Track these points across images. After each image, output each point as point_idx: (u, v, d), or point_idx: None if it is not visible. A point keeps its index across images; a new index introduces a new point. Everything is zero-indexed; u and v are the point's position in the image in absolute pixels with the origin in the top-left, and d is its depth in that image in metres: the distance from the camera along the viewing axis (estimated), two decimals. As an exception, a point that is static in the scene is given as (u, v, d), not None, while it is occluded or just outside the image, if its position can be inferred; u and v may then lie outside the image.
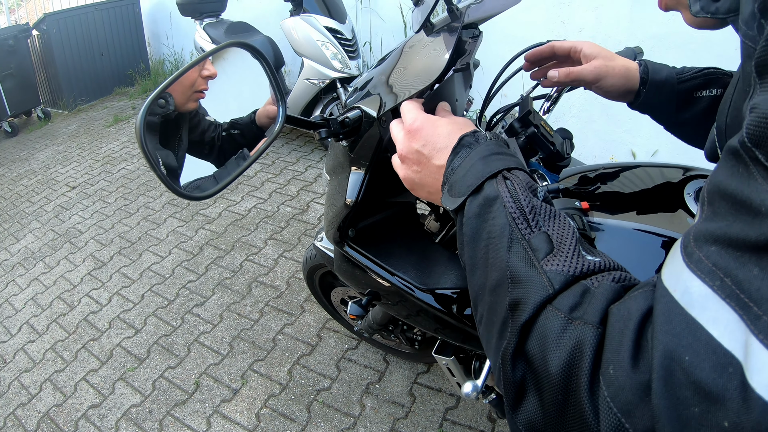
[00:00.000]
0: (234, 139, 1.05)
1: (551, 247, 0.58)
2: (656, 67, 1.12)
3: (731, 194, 0.41)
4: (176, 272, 3.39)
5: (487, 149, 0.72)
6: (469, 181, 0.70)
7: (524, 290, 0.55)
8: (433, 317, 1.24)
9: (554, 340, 0.50)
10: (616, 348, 0.45)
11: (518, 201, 0.63)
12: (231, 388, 2.47)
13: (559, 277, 0.54)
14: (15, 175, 5.79)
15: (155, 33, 8.54)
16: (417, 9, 1.11)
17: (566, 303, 0.52)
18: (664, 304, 0.43)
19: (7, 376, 2.88)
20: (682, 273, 0.43)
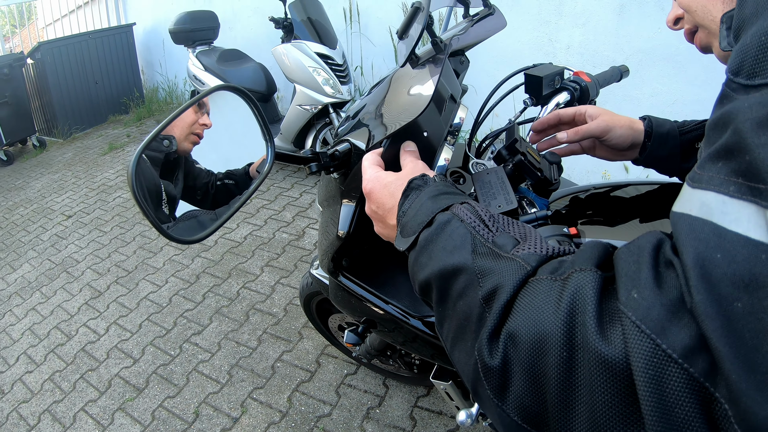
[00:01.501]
0: (228, 189, 1.07)
1: (516, 241, 0.58)
2: (659, 120, 1.15)
3: (720, 119, 0.44)
4: (173, 301, 3.39)
5: (435, 189, 0.74)
6: (420, 218, 0.70)
7: (498, 277, 0.54)
8: (428, 344, 1.26)
9: (543, 301, 0.49)
10: (633, 275, 0.44)
11: (476, 213, 0.65)
12: (231, 416, 2.46)
13: (533, 257, 0.54)
14: (11, 204, 5.79)
15: (149, 61, 8.59)
16: (402, 42, 1.13)
17: (547, 270, 0.52)
18: (684, 223, 0.43)
19: (6, 406, 2.86)
20: (693, 195, 0.44)
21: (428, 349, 1.29)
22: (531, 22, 3.76)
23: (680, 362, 0.38)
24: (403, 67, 1.16)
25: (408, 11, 1.06)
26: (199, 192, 1.05)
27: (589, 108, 1.18)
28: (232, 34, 6.45)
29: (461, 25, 1.31)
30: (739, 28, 0.49)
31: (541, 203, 1.14)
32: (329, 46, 4.28)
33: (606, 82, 1.52)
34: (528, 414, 0.49)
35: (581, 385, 0.44)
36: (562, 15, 3.60)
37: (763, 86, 0.41)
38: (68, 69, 7.38)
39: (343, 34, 5.09)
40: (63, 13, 9.06)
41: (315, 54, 4.16)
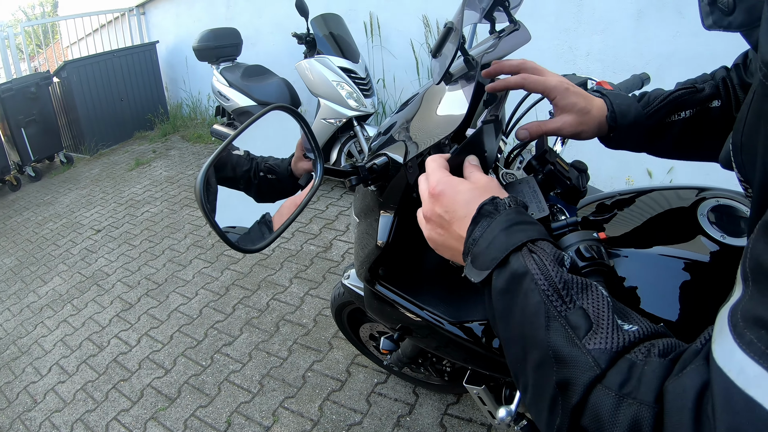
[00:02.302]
0: (271, 185, 1.09)
1: (590, 323, 0.59)
2: (622, 108, 1.09)
3: None
4: (204, 313, 3.44)
5: (507, 219, 0.72)
6: (492, 254, 0.70)
7: (570, 371, 0.56)
8: (462, 348, 1.27)
9: (609, 419, 0.51)
10: (676, 425, 0.46)
11: (549, 277, 0.63)
12: (262, 425, 2.49)
13: (603, 355, 0.55)
14: (40, 219, 5.92)
15: (172, 78, 8.73)
16: (435, 60, 1.16)
17: (615, 381, 0.53)
18: (721, 384, 0.43)
19: (38, 416, 2.92)
20: (734, 353, 0.43)
21: (462, 353, 1.32)
22: (550, 31, 3.78)
23: None
24: (437, 84, 1.19)
25: (441, 31, 1.09)
26: (241, 181, 1.06)
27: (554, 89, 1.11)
28: (255, 51, 6.53)
29: (489, 42, 1.34)
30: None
31: (570, 210, 1.16)
32: (352, 60, 4.33)
33: (628, 90, 1.53)
34: None
35: None
36: (580, 22, 3.62)
37: None
38: (94, 87, 7.53)
39: (364, 48, 5.14)
40: (86, 32, 9.23)
41: (338, 68, 4.22)
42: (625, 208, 1.24)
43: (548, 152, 1.17)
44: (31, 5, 29.81)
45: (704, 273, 0.99)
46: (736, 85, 1.06)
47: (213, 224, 0.89)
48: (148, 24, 9.00)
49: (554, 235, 0.99)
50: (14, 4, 29.91)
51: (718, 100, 1.08)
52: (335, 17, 4.51)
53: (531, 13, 3.75)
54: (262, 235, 1.00)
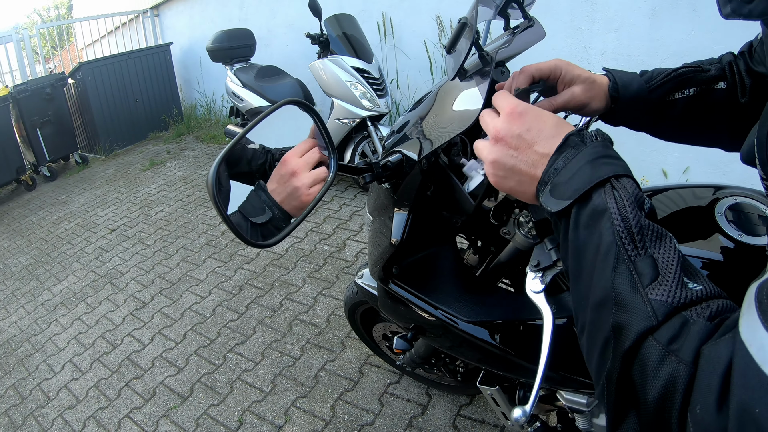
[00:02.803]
0: None
1: (656, 273, 0.58)
2: (625, 81, 1.09)
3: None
4: (217, 312, 3.45)
5: (594, 152, 0.70)
6: (575, 185, 0.68)
7: (628, 316, 0.57)
8: (476, 348, 1.26)
9: (652, 371, 0.53)
10: (704, 390, 0.47)
11: (626, 218, 0.62)
12: (274, 424, 2.49)
13: (662, 308, 0.55)
14: (55, 218, 5.97)
15: (186, 79, 8.78)
16: (450, 56, 1.16)
17: (666, 335, 0.54)
18: (741, 358, 0.44)
19: (51, 412, 2.94)
20: (757, 330, 0.44)
21: (475, 353, 1.31)
22: (564, 30, 3.76)
23: None
24: (452, 80, 1.18)
25: (455, 27, 1.09)
26: (257, 175, 1.04)
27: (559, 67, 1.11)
28: (268, 51, 6.56)
29: (503, 38, 1.33)
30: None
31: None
32: (365, 60, 4.33)
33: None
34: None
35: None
36: (594, 21, 3.60)
37: None
38: (108, 88, 7.60)
39: (378, 48, 5.14)
40: (101, 34, 9.33)
41: (351, 68, 4.22)
42: None
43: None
44: (46, 8, 30.15)
45: (722, 272, 0.97)
46: (743, 71, 1.05)
47: (225, 218, 0.89)
48: (162, 25, 9.06)
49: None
50: (29, 6, 30.20)
51: (724, 82, 1.07)
52: (348, 17, 4.51)
53: (545, 11, 3.73)
54: (274, 231, 1.00)
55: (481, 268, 1.48)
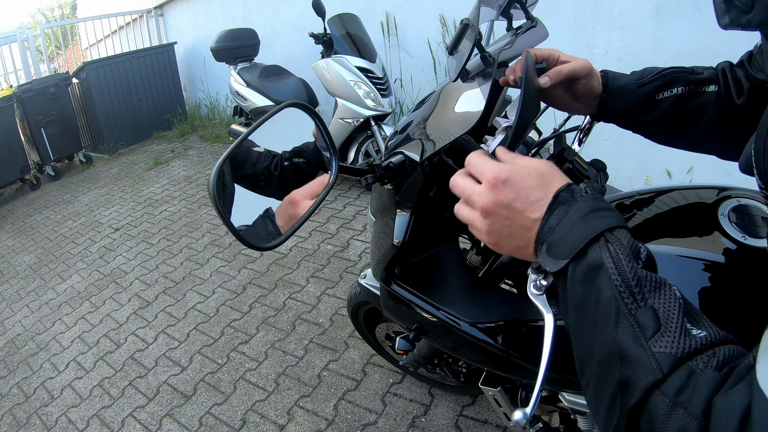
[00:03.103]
0: (299, 169, 1.06)
1: (658, 324, 0.58)
2: (615, 74, 1.13)
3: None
4: (221, 311, 3.46)
5: (586, 206, 0.70)
6: (570, 243, 0.68)
7: (633, 372, 0.57)
8: (478, 349, 1.26)
9: (661, 425, 0.53)
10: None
11: (623, 272, 0.63)
12: (277, 424, 2.49)
13: (667, 360, 0.55)
14: (60, 218, 5.99)
15: (190, 78, 8.80)
16: (452, 57, 1.16)
17: (672, 387, 0.54)
18: (762, 408, 0.44)
19: (55, 411, 2.95)
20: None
21: (477, 354, 1.30)
22: (568, 29, 3.75)
23: None
24: (454, 82, 1.18)
25: (457, 28, 1.09)
26: (261, 178, 1.03)
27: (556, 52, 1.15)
28: (272, 51, 6.57)
29: (506, 39, 1.33)
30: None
31: (588, 210, 1.15)
32: (369, 59, 4.32)
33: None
34: None
35: None
36: (598, 20, 3.59)
37: None
38: (112, 87, 7.62)
39: (381, 48, 5.14)
40: (105, 34, 9.34)
41: (355, 68, 4.22)
42: (644, 208, 1.23)
43: (566, 150, 1.15)
44: (50, 7, 30.21)
45: (724, 274, 0.97)
46: (741, 77, 1.05)
47: (226, 221, 0.89)
48: (166, 25, 9.08)
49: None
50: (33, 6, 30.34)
51: (715, 85, 1.08)
52: (352, 17, 4.51)
53: (548, 11, 3.73)
54: (276, 233, 1.00)
55: (484, 269, 1.48)
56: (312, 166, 1.07)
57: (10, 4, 41.76)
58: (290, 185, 1.02)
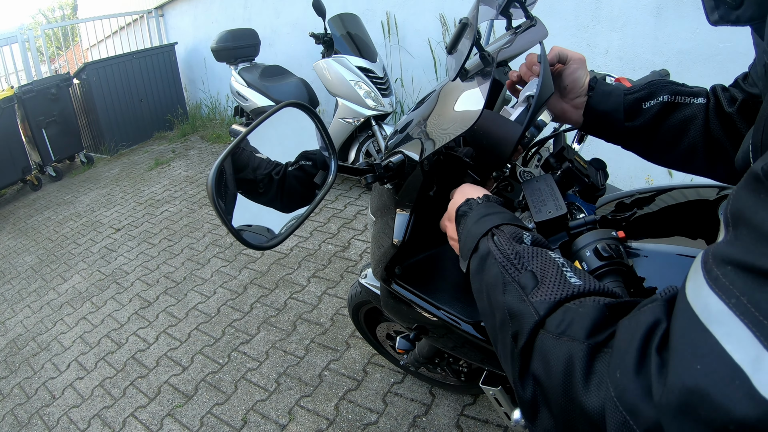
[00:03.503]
0: (306, 171, 1.07)
1: (536, 281, 0.68)
2: (605, 82, 1.16)
3: (751, 221, 0.44)
4: (222, 311, 3.46)
5: (478, 213, 0.88)
6: (468, 245, 0.85)
7: (519, 322, 0.66)
8: (478, 348, 1.27)
9: (551, 356, 0.59)
10: (622, 356, 0.51)
11: (504, 251, 0.76)
12: (278, 423, 2.50)
13: (543, 305, 0.64)
14: (61, 218, 6.00)
15: (191, 78, 8.80)
16: (451, 57, 1.16)
17: (553, 324, 0.62)
18: (686, 316, 0.46)
19: (56, 411, 2.95)
20: (702, 289, 0.46)
21: (478, 353, 1.31)
22: (568, 28, 3.75)
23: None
24: (453, 81, 1.18)
25: (456, 27, 1.09)
26: (261, 184, 1.04)
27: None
28: (272, 51, 6.57)
29: (505, 38, 1.33)
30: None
31: (588, 209, 1.15)
32: (369, 59, 4.32)
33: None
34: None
35: (578, 425, 0.56)
36: (599, 19, 3.58)
37: None
38: (113, 88, 7.62)
39: (382, 47, 5.14)
40: (106, 35, 9.36)
41: (356, 68, 4.22)
42: (644, 207, 1.23)
43: (566, 149, 1.16)
44: (51, 8, 30.25)
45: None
46: (734, 92, 1.05)
47: (224, 220, 0.89)
48: (167, 25, 9.08)
49: (572, 234, 0.98)
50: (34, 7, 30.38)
51: (704, 98, 1.08)
52: (352, 17, 4.51)
53: (549, 10, 3.73)
54: (275, 232, 1.00)
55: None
56: (318, 168, 1.09)
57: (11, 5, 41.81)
58: (292, 191, 1.05)
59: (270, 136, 1.05)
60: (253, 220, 1.02)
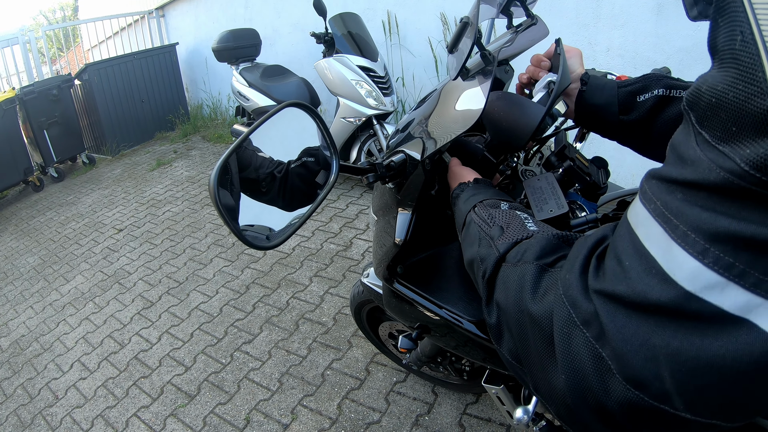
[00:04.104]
0: (308, 168, 1.08)
1: (502, 231, 0.83)
2: (598, 76, 1.17)
3: (675, 146, 0.52)
4: (224, 311, 3.46)
5: (466, 194, 1.01)
6: (459, 221, 0.99)
7: (485, 262, 0.80)
8: (480, 347, 1.26)
9: (509, 280, 0.72)
10: (572, 261, 0.62)
11: (481, 215, 0.90)
12: (281, 423, 2.50)
13: (503, 244, 0.79)
14: (63, 219, 6.00)
15: (192, 79, 8.80)
16: (452, 56, 1.16)
17: (512, 258, 0.75)
18: (623, 226, 0.57)
19: (60, 411, 2.95)
20: (636, 204, 0.55)
21: (480, 352, 1.31)
22: (569, 26, 3.74)
23: (581, 328, 0.55)
24: (454, 80, 1.18)
25: (457, 26, 1.09)
26: (263, 183, 1.04)
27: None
28: (273, 51, 6.57)
29: (506, 37, 1.33)
30: None
31: (590, 207, 1.15)
32: (370, 58, 4.32)
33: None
34: (513, 354, 0.71)
35: (530, 338, 0.66)
36: (600, 17, 3.58)
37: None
38: (115, 88, 7.63)
39: (383, 47, 5.14)
40: (107, 36, 9.37)
41: (357, 67, 4.22)
42: None
43: (567, 148, 1.16)
44: (52, 9, 30.30)
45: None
46: None
47: (226, 220, 0.89)
48: (168, 26, 9.09)
49: (574, 232, 0.98)
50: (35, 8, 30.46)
51: None
52: (353, 16, 4.51)
53: (549, 8, 3.73)
54: (277, 232, 1.00)
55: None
56: (321, 165, 1.09)
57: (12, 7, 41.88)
58: (294, 189, 1.06)
59: (272, 136, 1.05)
60: (255, 220, 1.02)
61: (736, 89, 0.43)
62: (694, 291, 0.45)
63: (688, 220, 0.47)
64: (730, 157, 0.43)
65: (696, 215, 0.46)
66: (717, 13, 0.48)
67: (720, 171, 0.44)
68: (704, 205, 0.46)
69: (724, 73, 0.45)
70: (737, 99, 0.43)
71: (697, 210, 0.46)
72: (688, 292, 0.46)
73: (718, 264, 0.44)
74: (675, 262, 0.47)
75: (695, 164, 0.47)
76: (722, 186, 0.44)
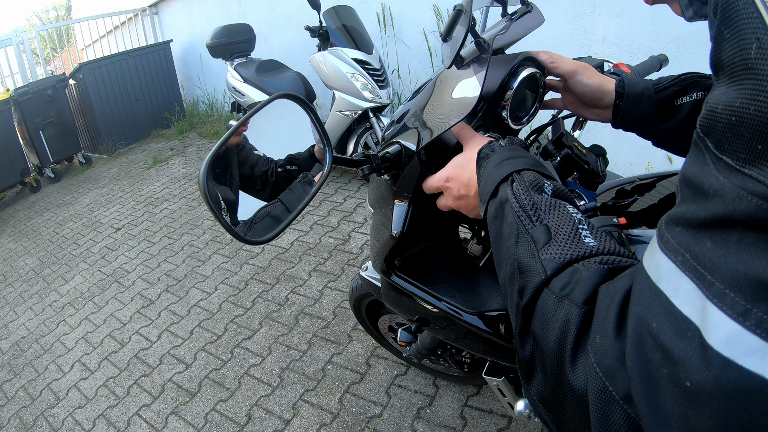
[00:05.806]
0: (291, 176, 1.07)
1: (549, 237, 0.67)
2: (632, 80, 1.12)
3: (691, 180, 0.47)
4: (223, 307, 3.45)
5: (499, 156, 0.85)
6: (487, 188, 0.82)
7: (526, 278, 0.65)
8: (481, 339, 1.25)
9: (549, 318, 0.59)
10: (602, 321, 0.53)
11: (521, 201, 0.73)
12: (283, 418, 2.49)
13: (552, 263, 0.63)
14: (60, 219, 6.00)
15: (187, 76, 8.79)
16: (446, 44, 1.14)
17: (558, 285, 0.60)
18: (640, 279, 0.50)
19: (61, 412, 2.95)
20: (655, 253, 0.49)
21: (480, 344, 1.30)
22: (565, 15, 3.72)
23: (621, 403, 0.48)
24: (448, 69, 1.17)
25: (450, 14, 1.07)
26: (258, 181, 1.05)
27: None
28: (268, 45, 6.55)
29: (501, 25, 1.32)
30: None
31: (588, 196, 1.14)
32: (365, 51, 4.31)
33: (646, 72, 1.51)
34: (543, 398, 0.62)
35: (566, 395, 0.56)
36: (596, 6, 3.56)
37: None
38: (110, 87, 7.62)
39: (378, 39, 5.12)
40: (101, 34, 9.33)
41: (352, 60, 4.20)
42: (645, 193, 1.22)
43: (565, 136, 1.14)
44: (45, 10, 30.21)
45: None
46: None
47: (218, 216, 0.88)
48: (162, 23, 9.06)
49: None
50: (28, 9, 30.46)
51: None
52: (347, 9, 4.50)
53: (545, -3, 3.71)
54: (271, 227, 0.99)
55: (485, 258, 1.47)
56: (302, 171, 1.09)
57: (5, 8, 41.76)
58: (281, 190, 1.05)
59: (266, 131, 1.04)
60: (249, 215, 1.01)
61: (757, 102, 0.39)
62: (732, 357, 0.39)
63: (723, 275, 0.41)
64: (759, 180, 0.39)
65: (732, 268, 0.40)
66: (723, 25, 0.44)
67: (751, 198, 0.39)
68: (739, 250, 0.40)
69: (738, 87, 0.42)
70: (760, 112, 0.39)
71: (733, 260, 0.40)
72: (726, 359, 0.39)
73: (761, 327, 0.38)
74: (714, 325, 0.40)
75: (720, 195, 0.42)
76: (756, 216, 0.39)
